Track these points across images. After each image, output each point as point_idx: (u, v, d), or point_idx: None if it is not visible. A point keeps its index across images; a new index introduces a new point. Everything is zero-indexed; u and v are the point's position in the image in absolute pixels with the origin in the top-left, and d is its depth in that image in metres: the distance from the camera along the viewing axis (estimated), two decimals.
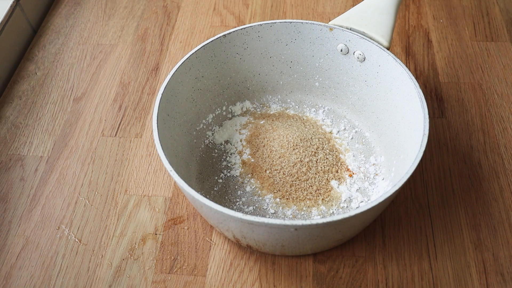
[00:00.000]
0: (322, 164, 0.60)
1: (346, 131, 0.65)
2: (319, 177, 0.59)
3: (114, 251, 0.57)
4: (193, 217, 0.59)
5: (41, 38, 0.81)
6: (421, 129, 0.52)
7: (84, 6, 0.86)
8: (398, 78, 0.57)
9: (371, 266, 0.55)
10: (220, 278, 0.54)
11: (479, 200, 0.59)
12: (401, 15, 0.80)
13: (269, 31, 0.63)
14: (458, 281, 0.53)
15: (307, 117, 0.67)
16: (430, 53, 0.74)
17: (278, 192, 0.58)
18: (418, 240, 0.56)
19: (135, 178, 0.63)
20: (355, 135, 0.64)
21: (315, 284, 0.54)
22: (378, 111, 0.62)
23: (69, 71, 0.76)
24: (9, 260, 0.57)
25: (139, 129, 0.68)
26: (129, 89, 0.73)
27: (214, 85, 0.64)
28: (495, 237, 0.56)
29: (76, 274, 0.55)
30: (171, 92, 0.58)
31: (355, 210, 0.46)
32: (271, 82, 0.67)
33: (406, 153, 0.55)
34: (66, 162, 0.65)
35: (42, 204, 0.61)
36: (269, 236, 0.49)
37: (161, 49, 0.78)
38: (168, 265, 0.55)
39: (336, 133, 0.65)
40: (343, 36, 0.61)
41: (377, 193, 0.58)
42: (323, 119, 0.66)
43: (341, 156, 0.62)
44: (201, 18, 0.82)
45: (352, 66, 0.63)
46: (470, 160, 0.62)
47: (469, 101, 0.68)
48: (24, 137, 0.68)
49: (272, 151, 0.61)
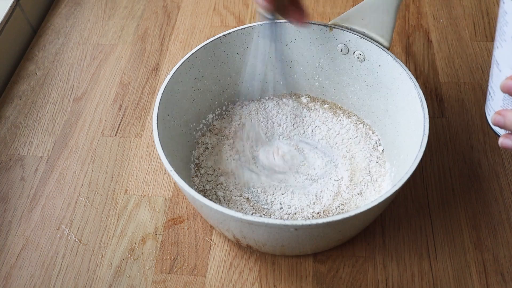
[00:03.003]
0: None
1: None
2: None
3: (114, 251, 0.57)
4: (193, 217, 0.59)
5: (41, 38, 0.81)
6: (421, 129, 0.52)
7: (84, 6, 0.86)
8: (398, 78, 0.57)
9: (371, 266, 0.55)
10: (220, 278, 0.54)
11: (479, 200, 0.59)
12: (401, 15, 0.80)
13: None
14: (458, 281, 0.53)
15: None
16: (430, 53, 0.74)
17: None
18: (418, 240, 0.56)
19: (135, 178, 0.63)
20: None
21: (315, 284, 0.54)
22: (378, 111, 0.62)
23: (69, 71, 0.76)
24: (9, 260, 0.57)
25: (139, 129, 0.68)
26: (129, 89, 0.73)
27: (214, 85, 0.64)
28: (495, 237, 0.56)
29: (76, 274, 0.55)
30: (171, 92, 0.58)
31: (355, 210, 0.46)
32: (271, 82, 0.67)
33: (406, 153, 0.55)
34: (66, 162, 0.65)
35: (42, 204, 0.61)
36: (269, 236, 0.49)
37: (161, 49, 0.78)
38: (168, 265, 0.55)
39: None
40: (343, 36, 0.61)
41: (377, 193, 0.58)
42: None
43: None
44: (201, 18, 0.82)
45: (352, 66, 0.63)
46: (470, 160, 0.62)
47: (469, 101, 0.68)
48: (24, 137, 0.68)
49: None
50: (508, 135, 0.43)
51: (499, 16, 0.42)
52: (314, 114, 0.66)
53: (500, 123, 0.42)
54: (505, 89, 0.41)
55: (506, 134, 0.43)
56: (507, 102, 0.44)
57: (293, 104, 0.67)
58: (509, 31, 0.41)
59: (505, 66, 0.43)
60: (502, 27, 0.42)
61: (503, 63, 0.43)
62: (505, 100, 0.44)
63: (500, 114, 0.42)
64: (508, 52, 0.42)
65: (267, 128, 0.65)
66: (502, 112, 0.42)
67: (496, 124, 0.43)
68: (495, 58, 0.44)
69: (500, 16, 0.42)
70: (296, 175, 0.60)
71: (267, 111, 0.67)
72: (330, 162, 0.61)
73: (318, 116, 0.66)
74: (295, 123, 0.65)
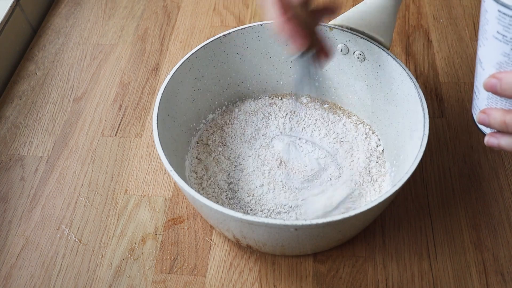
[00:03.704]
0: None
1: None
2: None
3: (114, 251, 0.57)
4: (193, 217, 0.59)
5: (41, 38, 0.81)
6: (421, 129, 0.52)
7: (84, 6, 0.86)
8: (398, 78, 0.57)
9: (371, 266, 0.55)
10: (220, 278, 0.54)
11: (479, 200, 0.59)
12: (401, 15, 0.80)
13: (269, 31, 0.62)
14: (458, 281, 0.53)
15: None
16: (430, 53, 0.74)
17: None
18: (418, 240, 0.56)
19: (135, 178, 0.63)
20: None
21: (315, 284, 0.54)
22: (378, 111, 0.62)
23: (69, 71, 0.76)
24: (9, 260, 0.57)
25: (139, 129, 0.68)
26: (129, 89, 0.73)
27: (214, 85, 0.64)
28: (495, 237, 0.56)
29: (76, 274, 0.55)
30: (171, 92, 0.58)
31: (355, 210, 0.46)
32: (271, 82, 0.67)
33: (406, 153, 0.55)
34: (66, 162, 0.65)
35: (42, 204, 0.61)
36: (269, 236, 0.49)
37: (161, 49, 0.78)
38: (168, 265, 0.55)
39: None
40: (343, 36, 0.61)
41: (377, 193, 0.58)
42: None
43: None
44: (201, 18, 0.82)
45: (352, 66, 0.63)
46: (470, 160, 0.62)
47: (469, 101, 0.68)
48: (24, 137, 0.68)
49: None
50: (493, 134, 0.43)
51: (481, 15, 0.42)
52: (314, 114, 0.66)
53: (485, 121, 0.42)
54: (487, 87, 0.41)
55: (491, 133, 0.43)
56: (491, 101, 0.44)
57: (293, 104, 0.67)
58: (490, 29, 0.41)
59: (488, 64, 0.43)
60: (483, 25, 0.42)
61: (486, 62, 0.43)
62: (489, 99, 0.44)
63: (485, 112, 0.42)
64: (490, 51, 0.42)
65: (267, 128, 0.65)
66: (486, 111, 0.42)
67: (481, 123, 0.43)
68: (479, 57, 0.44)
69: (482, 15, 0.42)
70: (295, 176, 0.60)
71: (267, 111, 0.67)
72: (330, 162, 0.61)
73: (318, 116, 0.66)
74: (295, 123, 0.65)
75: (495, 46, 0.41)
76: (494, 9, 0.40)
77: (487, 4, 0.40)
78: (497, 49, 0.41)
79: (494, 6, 0.39)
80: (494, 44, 0.41)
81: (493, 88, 0.40)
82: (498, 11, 0.39)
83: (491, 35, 0.41)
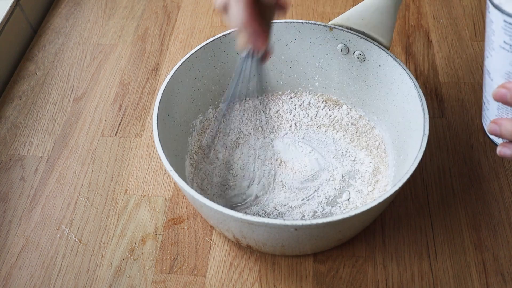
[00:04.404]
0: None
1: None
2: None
3: (114, 251, 0.57)
4: (193, 217, 0.59)
5: (41, 38, 0.81)
6: (421, 129, 0.52)
7: (84, 6, 0.86)
8: (398, 78, 0.57)
9: (371, 266, 0.55)
10: (220, 278, 0.54)
11: (479, 200, 0.59)
12: (401, 15, 0.80)
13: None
14: (458, 281, 0.53)
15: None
16: (430, 53, 0.74)
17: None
18: (418, 240, 0.56)
19: (135, 178, 0.63)
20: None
21: (315, 284, 0.54)
22: (378, 111, 0.62)
23: (69, 71, 0.76)
24: (9, 260, 0.57)
25: (139, 129, 0.68)
26: (129, 89, 0.73)
27: (214, 85, 0.64)
28: (495, 237, 0.56)
29: (76, 274, 0.55)
30: (171, 92, 0.58)
31: (355, 210, 0.46)
32: (271, 82, 0.67)
33: (406, 153, 0.55)
34: (66, 162, 0.65)
35: (42, 204, 0.61)
36: (269, 236, 0.49)
37: (161, 49, 0.78)
38: (168, 265, 0.55)
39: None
40: (343, 36, 0.61)
41: (377, 193, 0.58)
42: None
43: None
44: (201, 18, 0.82)
45: (352, 66, 0.63)
46: (470, 160, 0.62)
47: (469, 101, 0.68)
48: (24, 137, 0.68)
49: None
50: (506, 144, 0.42)
51: (486, 25, 0.42)
52: (314, 114, 0.66)
53: (496, 132, 0.42)
54: (497, 97, 0.40)
55: (503, 143, 0.42)
56: (502, 111, 0.44)
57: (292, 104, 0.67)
58: (496, 40, 0.41)
59: (496, 75, 0.42)
60: (489, 36, 0.42)
61: (494, 72, 0.43)
62: (499, 109, 0.44)
63: (496, 123, 0.42)
64: (497, 61, 0.42)
65: (266, 128, 0.65)
66: (497, 121, 0.42)
67: (492, 133, 0.42)
68: (486, 67, 0.44)
69: (487, 25, 0.42)
70: (295, 176, 0.60)
71: (266, 111, 0.67)
72: (330, 162, 0.61)
73: (317, 116, 0.66)
74: (294, 123, 0.65)
75: (503, 56, 0.41)
76: (499, 19, 0.39)
77: (493, 14, 0.40)
78: (504, 59, 0.41)
79: (500, 17, 0.39)
80: (502, 54, 0.41)
81: (503, 98, 0.40)
82: (504, 21, 0.39)
83: (498, 45, 0.41)
